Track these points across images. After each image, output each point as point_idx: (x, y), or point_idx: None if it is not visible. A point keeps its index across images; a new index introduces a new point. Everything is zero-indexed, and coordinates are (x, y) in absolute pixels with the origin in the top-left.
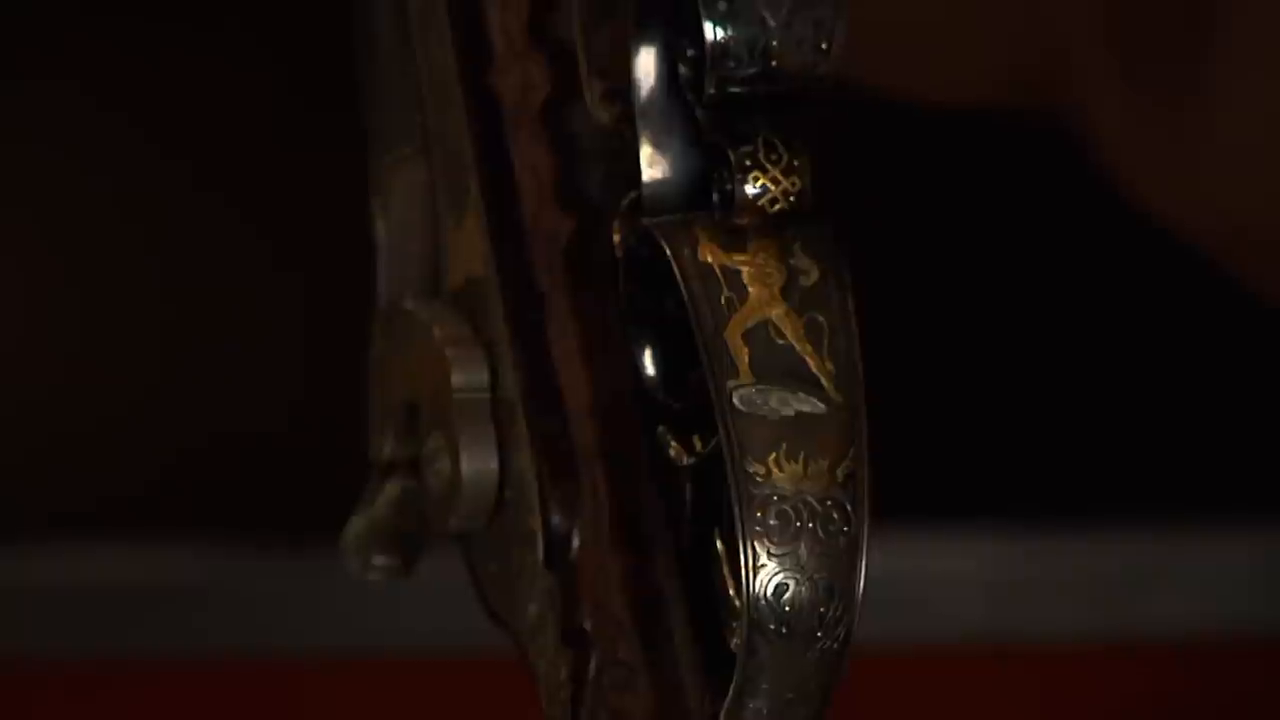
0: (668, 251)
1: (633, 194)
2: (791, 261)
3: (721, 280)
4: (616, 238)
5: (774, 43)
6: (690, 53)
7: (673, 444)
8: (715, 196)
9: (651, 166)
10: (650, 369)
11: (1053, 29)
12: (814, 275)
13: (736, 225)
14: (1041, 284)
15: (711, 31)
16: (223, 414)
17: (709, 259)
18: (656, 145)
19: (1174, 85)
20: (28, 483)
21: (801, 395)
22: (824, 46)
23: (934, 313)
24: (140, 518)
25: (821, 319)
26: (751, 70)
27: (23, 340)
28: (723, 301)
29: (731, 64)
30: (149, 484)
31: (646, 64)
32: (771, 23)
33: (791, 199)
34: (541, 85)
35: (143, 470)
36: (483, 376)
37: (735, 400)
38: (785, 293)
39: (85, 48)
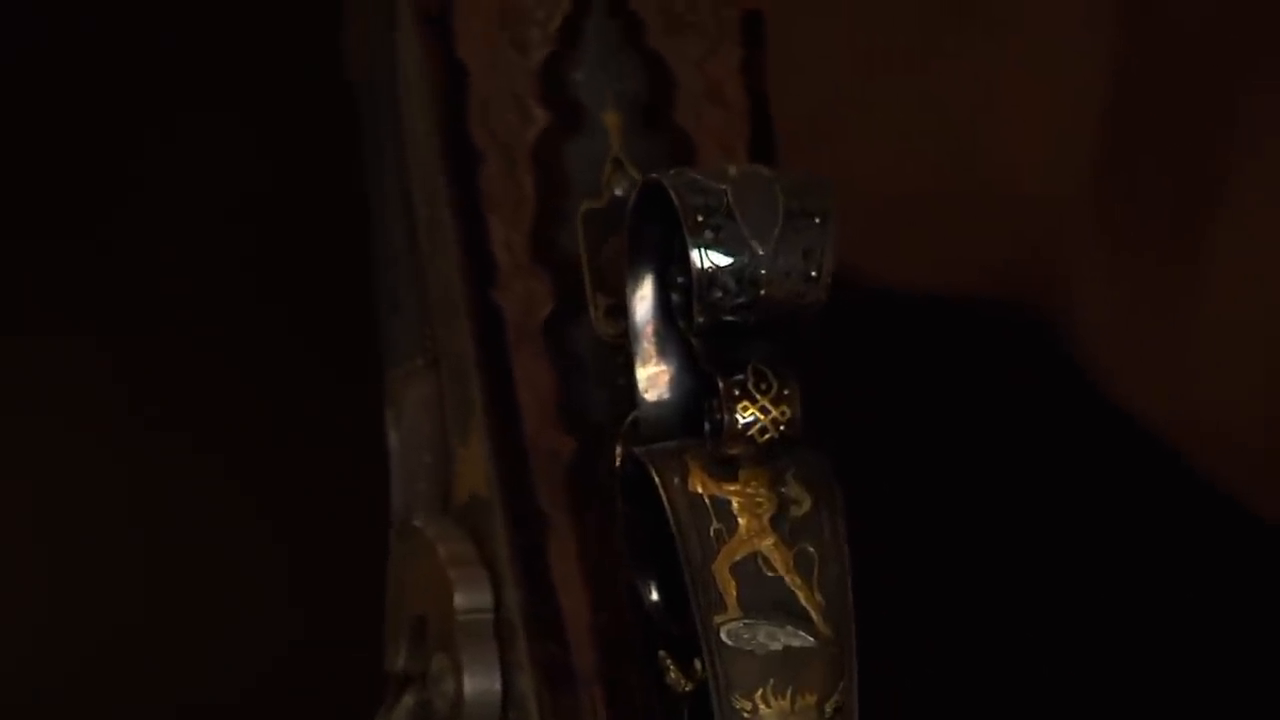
0: (657, 481)
1: (634, 414)
2: (783, 490)
3: (710, 511)
4: (617, 461)
5: (762, 271)
6: (680, 280)
7: (672, 669)
8: (706, 425)
9: (647, 391)
10: (651, 593)
11: (1042, 223)
12: (806, 505)
13: (728, 454)
14: (1024, 490)
15: (699, 260)
16: (209, 684)
17: (699, 489)
18: (653, 371)
19: (1161, 285)
20: None
21: (790, 629)
22: (813, 274)
23: (910, 519)
24: None
25: (812, 550)
26: (740, 299)
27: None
28: (711, 533)
29: (719, 293)
30: None
31: (641, 290)
32: (760, 251)
33: (782, 428)
34: (544, 301)
35: None
36: (486, 597)
37: (723, 635)
38: (776, 523)
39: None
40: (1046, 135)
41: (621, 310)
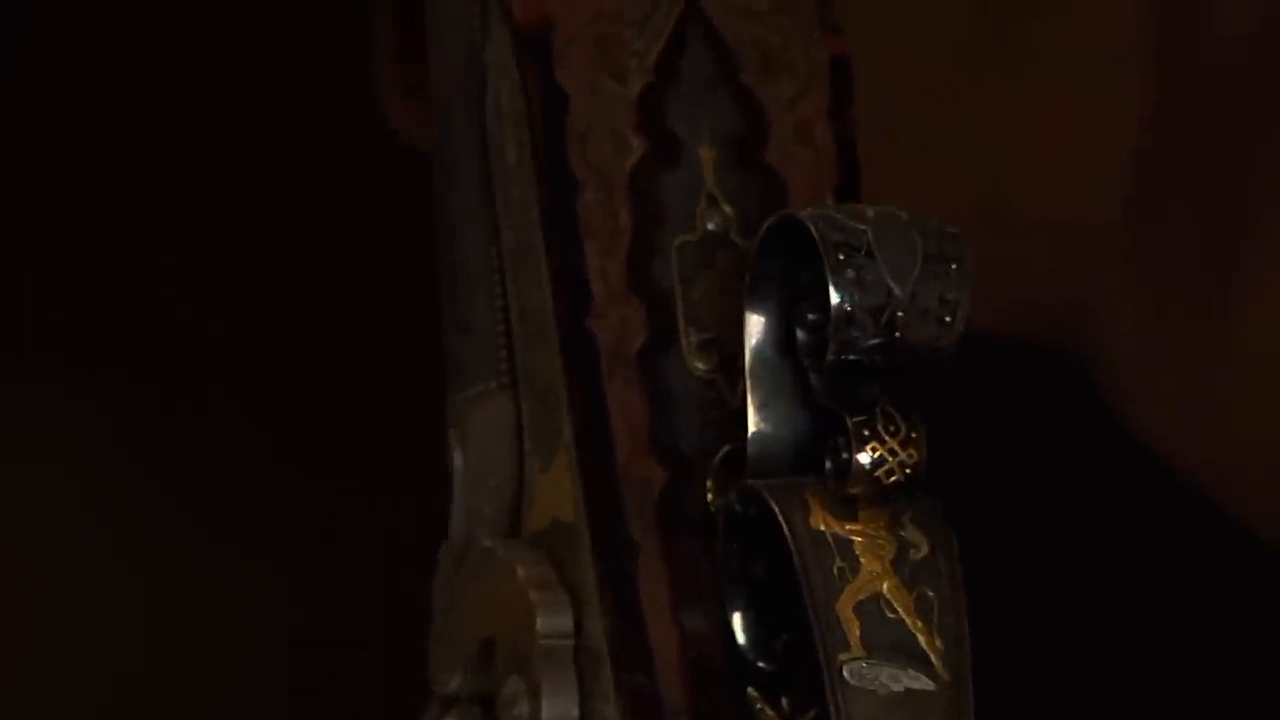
0: (779, 516)
1: (727, 448)
2: (901, 533)
3: (834, 549)
4: (710, 494)
5: (899, 313)
6: (811, 317)
7: (763, 708)
8: (829, 463)
9: (757, 426)
10: (742, 630)
11: (1074, 258)
12: (924, 548)
13: (848, 494)
14: (1054, 529)
15: (838, 298)
16: None
17: (821, 527)
18: (763, 405)
19: (1193, 322)
20: None
21: (912, 672)
22: (948, 319)
23: None
24: None
25: (931, 594)
26: (876, 340)
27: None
28: (835, 572)
29: (855, 332)
30: None
31: (757, 324)
32: (898, 293)
33: (908, 471)
34: (638, 331)
35: None
36: (567, 623)
37: (845, 673)
38: (896, 565)
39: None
40: (1080, 171)
41: (714, 345)
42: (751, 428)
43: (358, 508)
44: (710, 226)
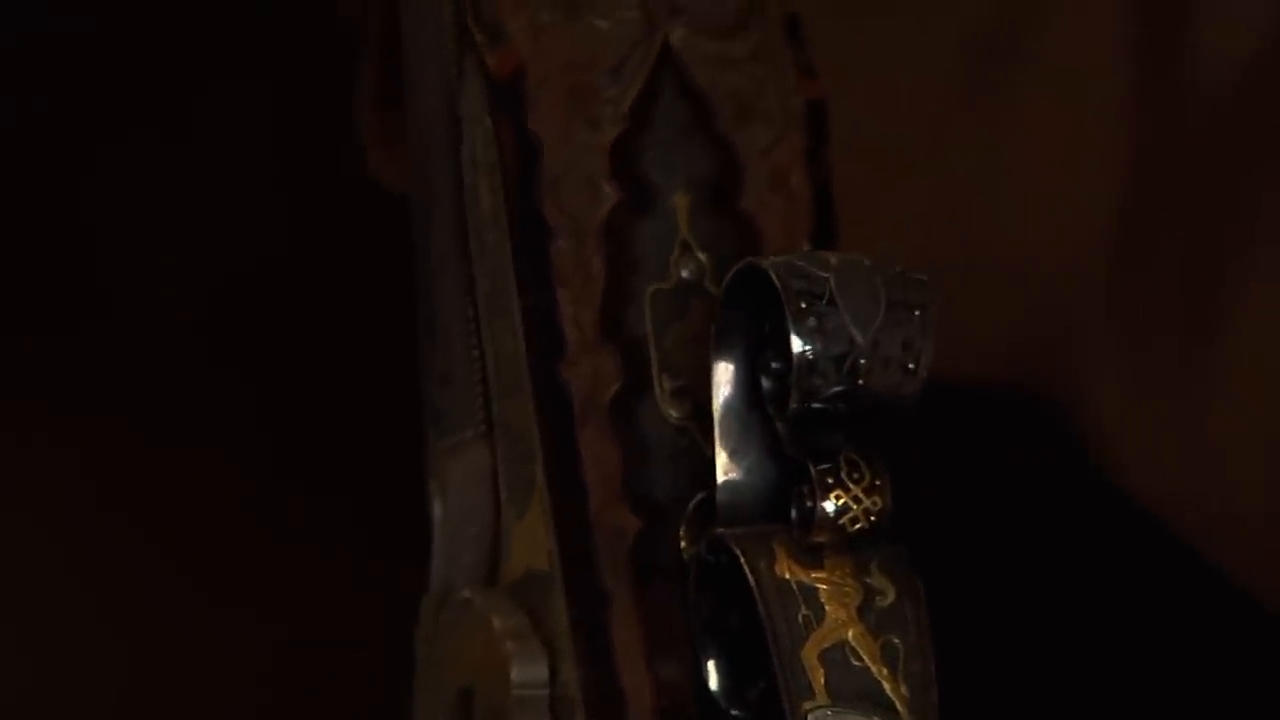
0: (744, 565)
1: (700, 495)
2: (868, 580)
3: (799, 597)
4: (683, 542)
5: (861, 361)
6: (775, 365)
7: None
8: (794, 512)
9: (727, 474)
10: (714, 678)
11: (1054, 306)
12: (890, 596)
13: (814, 541)
14: (1031, 577)
15: (800, 347)
16: None
17: (786, 575)
18: (733, 453)
19: (1175, 371)
20: None
21: (876, 719)
22: (911, 366)
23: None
24: None
25: (897, 641)
26: (839, 388)
27: None
28: (800, 620)
29: (818, 380)
30: None
31: (725, 373)
32: (860, 341)
33: (873, 518)
34: (611, 379)
35: None
36: (542, 673)
37: None
38: (862, 613)
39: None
40: (1062, 219)
41: (687, 392)
42: (721, 476)
43: (342, 558)
44: (684, 274)
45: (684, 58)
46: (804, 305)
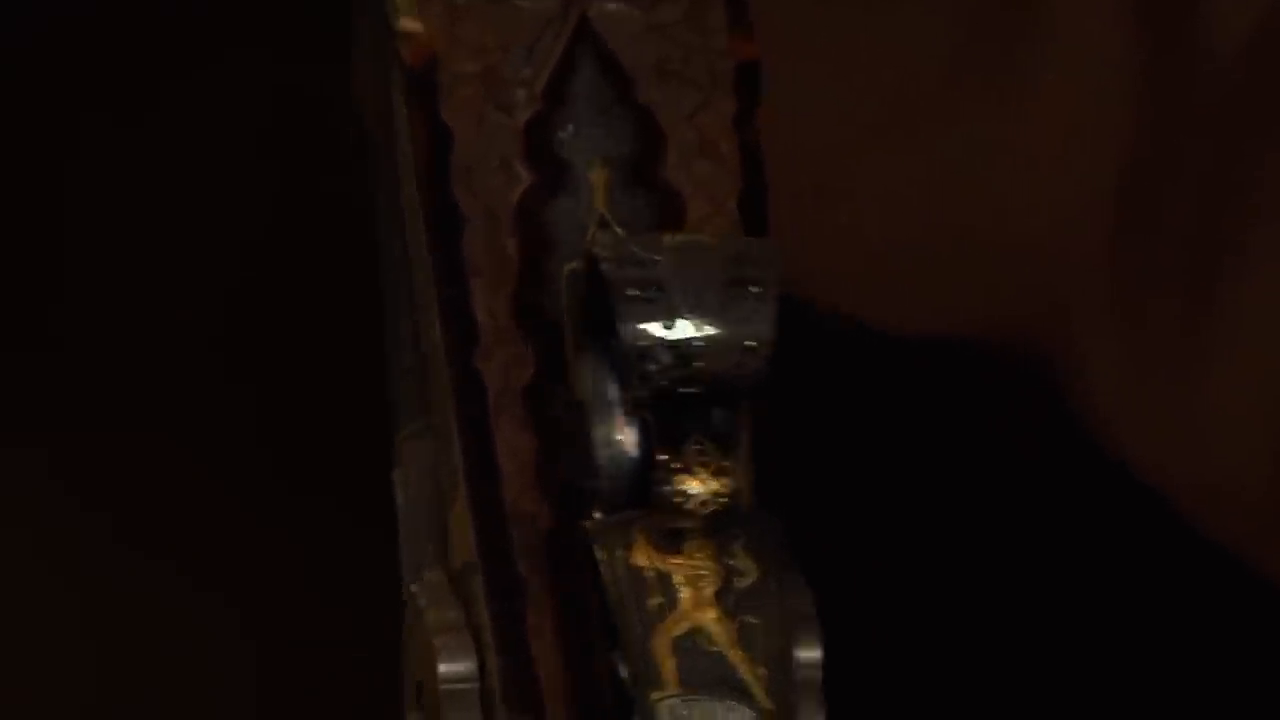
0: (598, 554)
1: (592, 484)
2: (730, 562)
3: (652, 585)
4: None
5: (697, 344)
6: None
7: None
8: (651, 498)
9: (604, 461)
10: (622, 667)
11: (1055, 279)
12: (752, 576)
13: (676, 527)
14: (1023, 544)
15: (630, 335)
16: None
17: (643, 563)
18: (607, 440)
19: (1173, 344)
20: None
21: (730, 704)
22: (751, 344)
23: (909, 567)
24: None
25: (756, 621)
26: (676, 373)
27: None
28: (651, 607)
29: (653, 366)
30: None
31: (589, 361)
32: (694, 323)
33: (723, 499)
34: (526, 366)
35: None
36: (469, 665)
37: (660, 712)
38: (720, 596)
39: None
40: (1063, 191)
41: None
42: (600, 463)
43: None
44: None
45: (603, 30)
46: (634, 293)
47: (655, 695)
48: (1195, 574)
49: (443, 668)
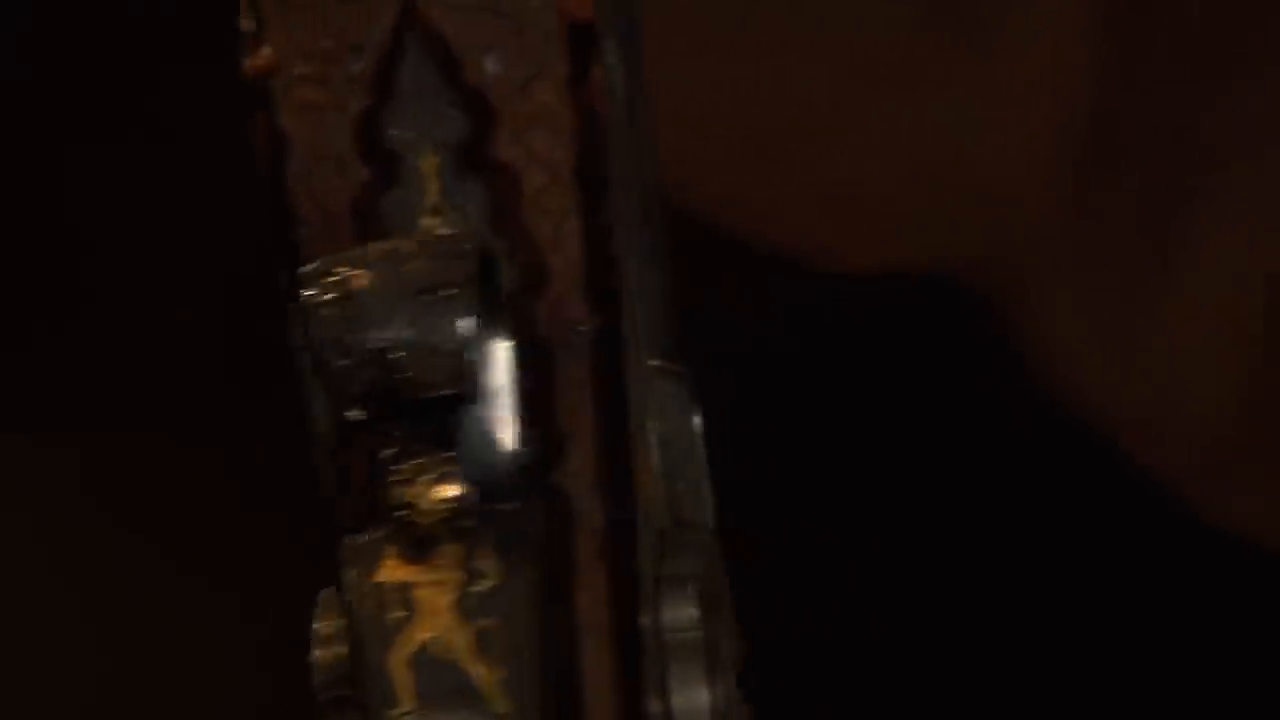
0: (344, 578)
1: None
2: (474, 565)
3: (393, 599)
4: None
5: (393, 355)
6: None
7: None
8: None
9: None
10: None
11: (1012, 223)
12: (493, 578)
13: (419, 536)
14: (964, 482)
15: (330, 357)
16: None
17: (385, 578)
18: (337, 466)
19: (1129, 290)
20: None
21: (464, 714)
22: (449, 347)
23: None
24: None
25: (495, 624)
26: (381, 386)
27: None
28: (390, 622)
29: (356, 386)
30: None
31: (317, 390)
32: (388, 335)
33: (451, 504)
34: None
35: None
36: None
37: None
38: (459, 604)
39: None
40: (1028, 137)
41: None
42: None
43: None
44: None
45: (429, 14)
46: (328, 313)
47: (392, 714)
48: (1134, 512)
49: (317, 676)
